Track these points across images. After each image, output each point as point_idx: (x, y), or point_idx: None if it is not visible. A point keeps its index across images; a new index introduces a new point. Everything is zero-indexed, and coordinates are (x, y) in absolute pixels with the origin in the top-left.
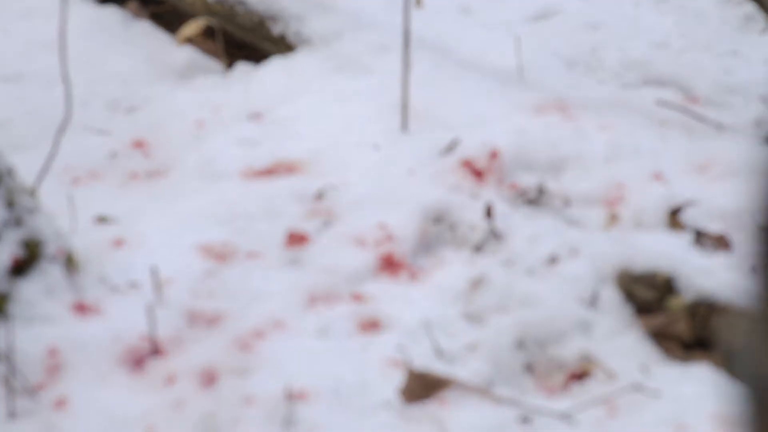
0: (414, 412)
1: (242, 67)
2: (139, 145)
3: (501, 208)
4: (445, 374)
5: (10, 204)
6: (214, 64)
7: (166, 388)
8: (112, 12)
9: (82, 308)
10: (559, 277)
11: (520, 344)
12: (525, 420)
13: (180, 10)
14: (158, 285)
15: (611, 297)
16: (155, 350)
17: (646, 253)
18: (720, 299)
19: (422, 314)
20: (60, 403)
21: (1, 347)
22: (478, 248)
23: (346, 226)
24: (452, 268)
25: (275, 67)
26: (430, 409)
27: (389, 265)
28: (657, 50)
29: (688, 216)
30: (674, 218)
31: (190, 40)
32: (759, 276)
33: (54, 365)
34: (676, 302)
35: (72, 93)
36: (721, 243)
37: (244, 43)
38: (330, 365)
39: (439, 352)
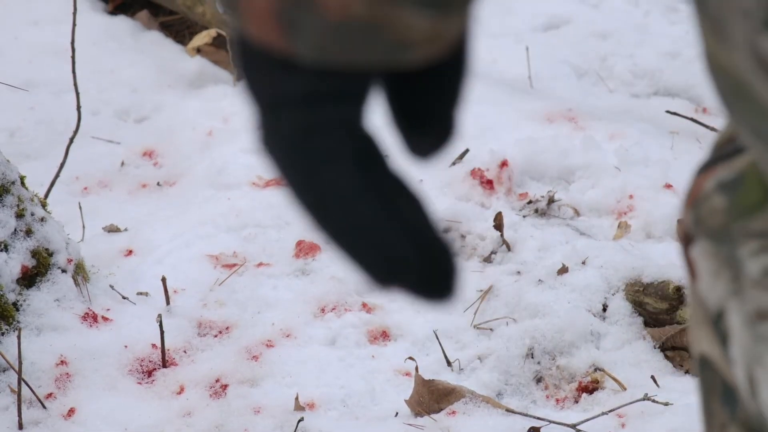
0: (423, 422)
1: None
2: (148, 154)
3: (510, 217)
4: (454, 384)
5: (20, 213)
6: (224, 74)
7: (175, 398)
8: (122, 21)
9: (91, 317)
10: (568, 287)
11: (530, 355)
12: (534, 431)
13: (190, 19)
14: (168, 294)
15: (621, 307)
16: (164, 360)
17: (656, 264)
18: None
19: (431, 324)
20: (69, 413)
21: (11, 357)
22: (488, 258)
23: None
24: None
25: None
26: (438, 419)
27: None
28: (667, 60)
29: None
30: None
31: (200, 50)
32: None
33: (63, 375)
34: (687, 313)
35: (82, 102)
36: None
37: None
38: (339, 375)
39: (449, 362)
